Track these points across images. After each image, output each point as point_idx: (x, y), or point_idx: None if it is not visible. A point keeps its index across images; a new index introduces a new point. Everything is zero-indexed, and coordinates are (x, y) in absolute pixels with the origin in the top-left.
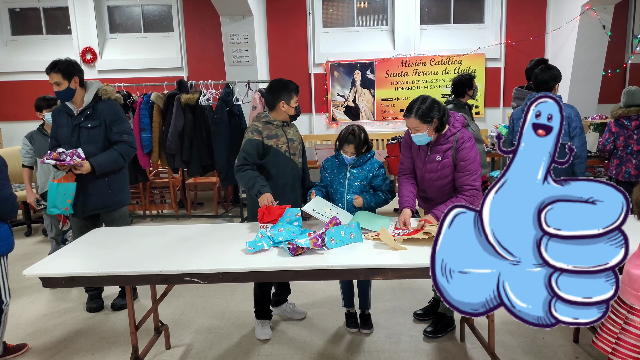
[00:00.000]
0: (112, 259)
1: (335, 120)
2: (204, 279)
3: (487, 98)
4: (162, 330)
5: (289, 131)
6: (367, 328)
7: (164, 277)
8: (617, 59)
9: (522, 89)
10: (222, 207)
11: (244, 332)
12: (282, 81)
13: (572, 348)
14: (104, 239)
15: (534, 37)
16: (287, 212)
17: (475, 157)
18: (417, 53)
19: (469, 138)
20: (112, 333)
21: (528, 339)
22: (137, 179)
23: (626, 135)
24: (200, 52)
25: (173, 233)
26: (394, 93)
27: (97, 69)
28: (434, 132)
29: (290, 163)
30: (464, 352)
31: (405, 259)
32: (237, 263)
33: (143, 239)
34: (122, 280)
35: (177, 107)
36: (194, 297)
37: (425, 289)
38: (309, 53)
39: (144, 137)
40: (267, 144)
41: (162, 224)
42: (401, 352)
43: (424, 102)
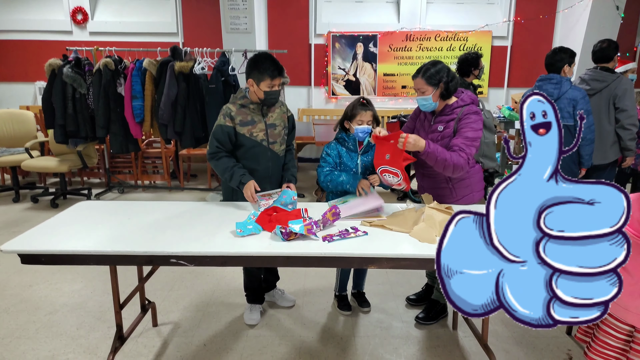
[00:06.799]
0: (96, 236)
1: (335, 94)
2: (191, 262)
3: (491, 78)
4: (148, 308)
5: (270, 115)
6: (366, 306)
7: (149, 258)
8: (628, 42)
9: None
10: (215, 180)
11: (234, 311)
12: (261, 56)
13: (565, 340)
14: (88, 214)
15: (544, 15)
16: (283, 194)
17: (477, 130)
18: (422, 27)
19: (475, 113)
20: (98, 308)
21: (521, 329)
22: (129, 149)
23: None
24: (196, 18)
25: (161, 210)
26: (396, 68)
27: (88, 30)
28: (440, 98)
29: (267, 153)
30: (456, 340)
31: (400, 249)
32: (227, 246)
33: (129, 215)
34: (105, 260)
35: (170, 75)
36: (184, 272)
37: (419, 274)
38: (310, 22)
39: (135, 105)
40: (240, 132)
41: (154, 194)
42: (392, 338)
43: (434, 65)
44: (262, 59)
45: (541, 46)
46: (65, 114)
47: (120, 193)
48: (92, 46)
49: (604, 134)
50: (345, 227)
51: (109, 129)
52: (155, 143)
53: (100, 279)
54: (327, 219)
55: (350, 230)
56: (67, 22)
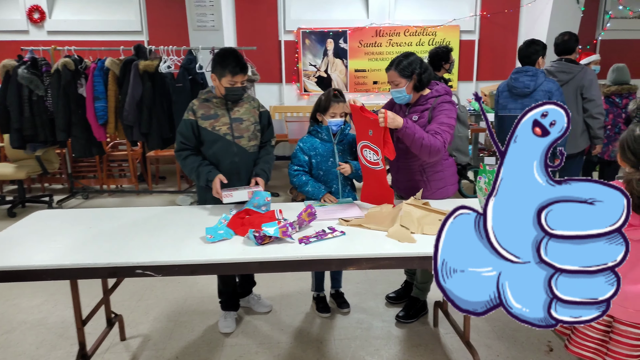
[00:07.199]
0: (54, 247)
1: (307, 91)
2: (159, 272)
3: (460, 71)
4: (115, 321)
5: (237, 109)
6: (345, 307)
7: (113, 270)
8: (588, 35)
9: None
10: (185, 182)
11: (208, 320)
12: (224, 52)
13: (545, 332)
14: (46, 224)
15: (509, 9)
16: (256, 195)
17: (451, 118)
18: (391, 23)
19: (450, 102)
20: (60, 324)
21: (501, 322)
22: (92, 152)
23: (615, 114)
24: (161, 15)
25: (126, 217)
26: (367, 64)
27: (45, 29)
28: (414, 90)
29: (232, 148)
30: (437, 338)
31: (380, 249)
32: (196, 254)
33: (92, 224)
34: (63, 275)
35: (134, 74)
36: (153, 280)
37: (398, 271)
38: (279, 19)
39: (98, 106)
40: (202, 125)
41: (121, 199)
42: (373, 339)
43: (406, 57)
44: (224, 55)
45: (507, 39)
46: (22, 117)
47: (85, 199)
48: (49, 46)
49: (573, 124)
50: (322, 228)
51: (70, 132)
52: (121, 145)
53: (63, 292)
54: (302, 220)
55: (327, 230)
56: (23, 22)
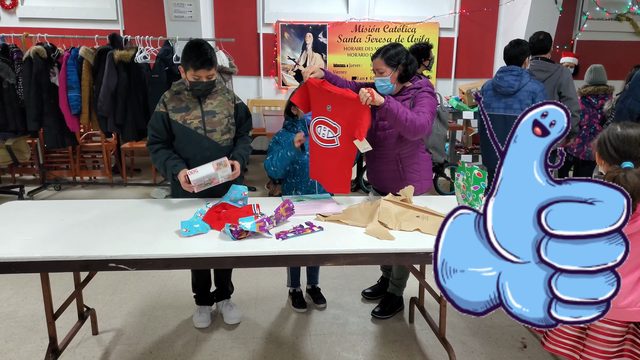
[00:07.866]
0: (24, 239)
1: (285, 85)
2: (132, 266)
3: (439, 69)
4: (87, 315)
5: (209, 102)
6: (321, 302)
7: (85, 264)
8: (565, 36)
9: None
10: (160, 174)
11: (182, 314)
12: (190, 44)
13: (519, 329)
14: (16, 215)
15: (488, 8)
16: (233, 189)
17: (433, 106)
18: (371, 18)
19: (431, 93)
20: (30, 317)
21: (476, 319)
22: (65, 143)
23: (591, 114)
24: (138, 4)
25: (99, 209)
26: (346, 59)
27: (17, 16)
28: (398, 81)
29: (204, 143)
30: (413, 334)
31: (357, 245)
32: (171, 248)
33: (64, 215)
34: (33, 267)
35: (109, 64)
36: (127, 274)
37: (374, 267)
38: (258, 11)
39: (71, 96)
40: (173, 118)
41: (94, 191)
42: (348, 335)
43: (394, 47)
44: (189, 48)
45: (486, 38)
46: None
47: (57, 190)
48: (21, 33)
49: None
50: (299, 223)
51: (42, 121)
52: (95, 136)
53: (33, 284)
54: (280, 215)
55: (305, 226)
56: None
